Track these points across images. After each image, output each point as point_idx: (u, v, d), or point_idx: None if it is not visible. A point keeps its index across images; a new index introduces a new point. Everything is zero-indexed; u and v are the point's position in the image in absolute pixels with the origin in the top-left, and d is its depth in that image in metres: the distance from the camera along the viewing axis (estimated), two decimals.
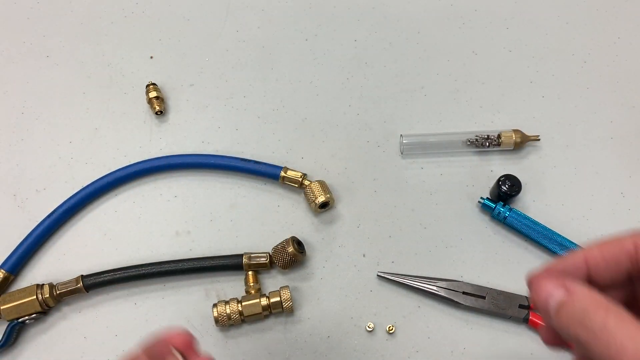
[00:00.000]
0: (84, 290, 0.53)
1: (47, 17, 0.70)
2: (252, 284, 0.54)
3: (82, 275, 0.54)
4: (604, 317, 0.27)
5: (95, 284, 0.54)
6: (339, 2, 0.70)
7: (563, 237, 0.55)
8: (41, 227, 0.57)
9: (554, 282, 0.30)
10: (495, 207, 0.56)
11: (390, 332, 0.53)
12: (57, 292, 0.53)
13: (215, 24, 0.69)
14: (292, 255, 0.53)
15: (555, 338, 0.35)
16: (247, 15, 0.70)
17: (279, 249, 0.54)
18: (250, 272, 0.54)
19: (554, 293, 0.29)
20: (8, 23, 0.69)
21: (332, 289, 0.55)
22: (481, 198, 0.57)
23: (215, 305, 0.52)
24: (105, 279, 0.54)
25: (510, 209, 0.56)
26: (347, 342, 0.54)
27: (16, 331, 0.53)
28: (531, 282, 0.31)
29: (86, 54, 0.67)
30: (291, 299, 0.52)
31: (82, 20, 0.69)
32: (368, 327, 0.53)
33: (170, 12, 0.70)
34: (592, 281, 0.32)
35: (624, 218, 0.58)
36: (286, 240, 0.54)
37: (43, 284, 0.53)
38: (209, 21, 0.69)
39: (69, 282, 0.54)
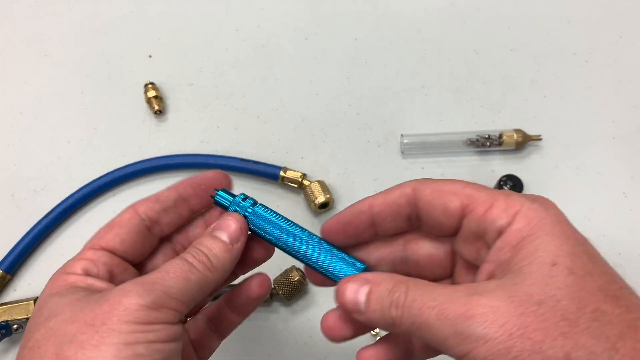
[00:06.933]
0: None
1: (45, 16, 0.69)
2: None
3: None
4: (405, 288, 0.29)
5: None
6: (339, 0, 0.70)
7: None
8: (39, 227, 0.57)
9: (356, 281, 0.31)
10: None
11: None
12: None
13: (214, 23, 0.69)
14: (298, 283, 0.53)
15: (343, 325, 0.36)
16: (246, 14, 0.69)
17: (282, 280, 0.53)
18: None
19: (360, 289, 0.31)
20: (6, 22, 0.69)
21: (333, 291, 0.55)
22: None
23: None
24: None
25: None
26: (349, 345, 0.53)
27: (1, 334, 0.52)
28: (337, 290, 0.33)
29: (84, 53, 0.67)
30: None
31: (80, 20, 0.69)
32: (373, 331, 0.53)
33: (169, 11, 0.70)
34: (377, 229, 0.34)
35: (626, 218, 0.57)
36: (288, 270, 0.53)
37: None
38: (208, 20, 0.69)
39: None
